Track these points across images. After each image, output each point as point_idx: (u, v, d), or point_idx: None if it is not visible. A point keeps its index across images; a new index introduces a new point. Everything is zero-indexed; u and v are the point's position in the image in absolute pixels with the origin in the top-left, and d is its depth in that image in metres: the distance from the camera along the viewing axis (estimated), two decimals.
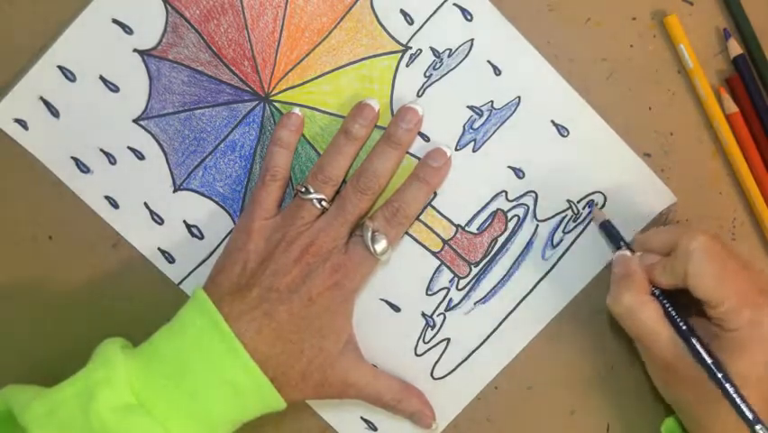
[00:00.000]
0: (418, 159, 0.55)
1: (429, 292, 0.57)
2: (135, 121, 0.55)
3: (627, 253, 0.53)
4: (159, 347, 0.50)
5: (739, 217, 0.57)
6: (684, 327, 0.50)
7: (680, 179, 0.56)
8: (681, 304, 0.50)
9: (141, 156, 0.55)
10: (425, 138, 0.55)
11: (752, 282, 0.49)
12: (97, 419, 0.47)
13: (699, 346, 0.49)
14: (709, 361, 0.48)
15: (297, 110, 0.55)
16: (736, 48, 0.55)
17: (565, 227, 0.56)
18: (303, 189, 0.53)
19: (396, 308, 0.57)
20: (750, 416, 0.47)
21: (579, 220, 0.56)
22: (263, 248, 0.52)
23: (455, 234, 0.56)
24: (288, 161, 0.54)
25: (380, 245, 0.53)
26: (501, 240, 0.56)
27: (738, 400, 0.47)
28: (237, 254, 0.53)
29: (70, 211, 0.56)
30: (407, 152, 0.55)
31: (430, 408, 0.56)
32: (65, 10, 0.54)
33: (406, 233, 0.56)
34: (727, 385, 0.48)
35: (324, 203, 0.53)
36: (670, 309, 0.50)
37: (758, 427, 0.47)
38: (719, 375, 0.48)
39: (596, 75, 0.55)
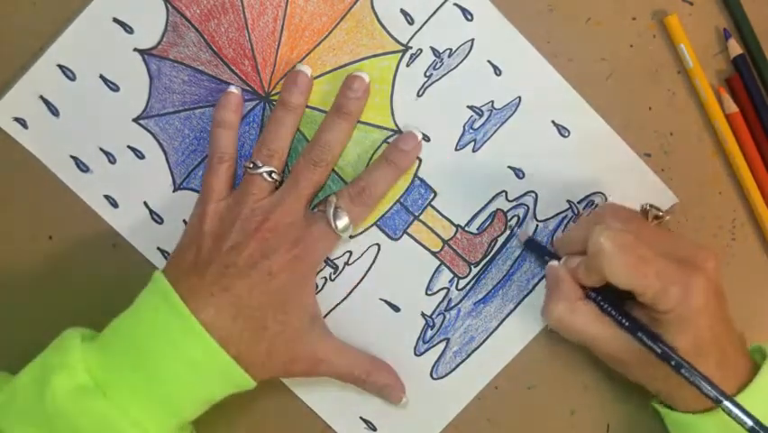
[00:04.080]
0: (418, 158, 0.55)
1: (429, 292, 0.57)
2: (135, 120, 0.55)
3: (554, 262, 0.52)
4: (117, 330, 0.50)
5: (739, 217, 0.57)
6: (626, 323, 0.49)
7: (680, 179, 0.56)
8: (621, 294, 0.50)
9: (140, 155, 0.55)
10: (426, 138, 0.55)
11: (669, 258, 0.48)
12: (52, 403, 0.47)
13: (645, 339, 0.48)
14: (659, 351, 0.48)
15: (233, 88, 0.54)
16: (735, 48, 0.55)
17: (565, 228, 0.56)
18: (251, 165, 0.53)
19: (396, 308, 0.57)
20: (713, 394, 0.47)
21: None
22: (218, 228, 0.52)
23: (455, 234, 0.56)
24: (234, 141, 0.54)
25: (342, 222, 0.53)
26: (501, 240, 0.56)
27: (698, 381, 0.47)
28: (193, 237, 0.53)
29: (70, 211, 0.56)
30: None
31: (399, 381, 0.56)
32: (65, 10, 0.54)
33: (406, 232, 0.56)
34: (683, 371, 0.47)
35: (274, 175, 0.53)
36: (607, 308, 0.50)
37: (723, 404, 0.46)
38: (673, 363, 0.47)
39: (596, 75, 0.55)
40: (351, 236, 0.56)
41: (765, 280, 0.57)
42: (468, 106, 0.55)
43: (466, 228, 0.56)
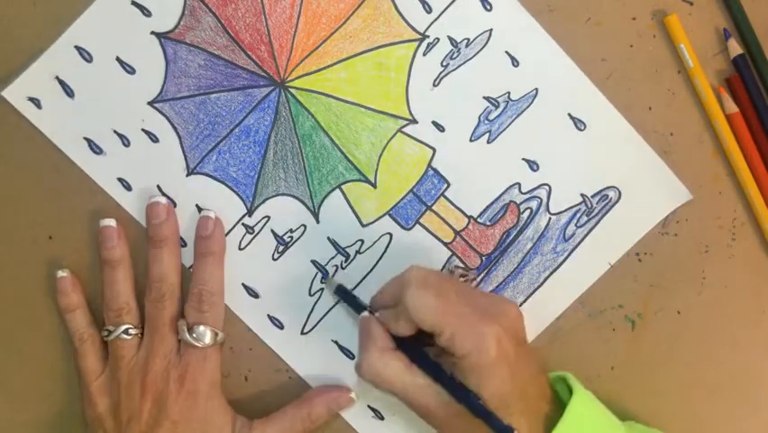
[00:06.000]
0: (432, 148, 0.55)
1: None
2: (150, 103, 0.55)
3: (366, 314, 0.52)
4: None
5: (739, 217, 0.57)
6: (435, 372, 0.49)
7: (680, 179, 0.56)
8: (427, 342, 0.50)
9: (155, 139, 0.55)
10: (441, 128, 0.55)
11: (472, 307, 0.49)
12: None
13: (450, 385, 0.48)
14: (460, 397, 0.48)
15: (61, 272, 0.55)
16: (735, 48, 0.55)
17: (578, 221, 0.56)
18: (106, 333, 0.54)
19: None
20: None
21: (592, 214, 0.56)
22: (109, 403, 0.54)
23: (467, 225, 0.56)
24: (86, 319, 0.55)
25: (206, 336, 0.53)
26: (513, 232, 0.56)
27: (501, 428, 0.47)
28: (95, 423, 0.54)
29: (70, 211, 0.56)
30: (420, 141, 0.55)
31: (334, 392, 0.56)
32: None
33: (418, 222, 0.56)
34: (486, 419, 0.47)
35: (131, 331, 0.54)
36: (416, 356, 0.50)
37: None
38: (478, 410, 0.47)
39: (596, 75, 0.55)
40: (363, 225, 0.55)
41: (765, 280, 0.57)
42: (484, 97, 0.55)
43: (478, 220, 0.56)
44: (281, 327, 0.57)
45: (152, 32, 0.54)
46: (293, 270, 0.56)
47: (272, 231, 0.56)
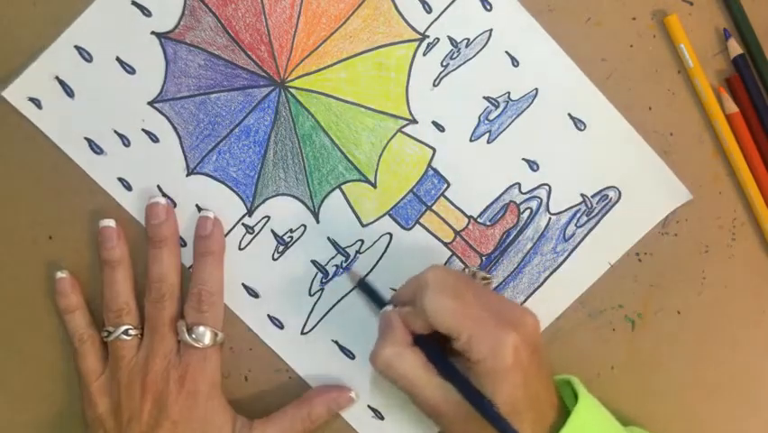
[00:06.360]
0: (432, 148, 0.55)
1: None
2: (150, 103, 0.55)
3: (389, 308, 0.52)
4: None
5: (739, 217, 0.57)
6: (450, 372, 0.49)
7: (680, 179, 0.56)
8: (445, 345, 0.50)
9: (155, 139, 0.55)
10: (441, 128, 0.55)
11: (491, 312, 0.49)
12: None
13: (467, 387, 0.48)
14: (475, 402, 0.48)
15: (60, 273, 0.55)
16: (736, 48, 0.55)
17: (578, 221, 0.56)
18: (106, 333, 0.54)
19: None
20: None
21: (592, 214, 0.56)
22: (110, 403, 0.54)
23: (467, 225, 0.56)
24: (86, 320, 0.55)
25: (205, 337, 0.53)
26: (513, 232, 0.56)
27: None
28: (95, 423, 0.54)
29: (70, 211, 0.56)
30: (420, 141, 0.55)
31: (336, 392, 0.56)
32: None
33: (418, 222, 0.56)
34: (497, 424, 0.47)
35: (131, 331, 0.54)
36: (433, 355, 0.50)
37: None
38: (489, 415, 0.47)
39: (596, 75, 0.55)
40: (363, 225, 0.56)
41: (765, 280, 0.57)
42: (484, 97, 0.55)
43: (478, 220, 0.56)
44: (281, 326, 0.57)
45: (152, 32, 0.54)
46: (293, 270, 0.56)
47: (272, 231, 0.56)
